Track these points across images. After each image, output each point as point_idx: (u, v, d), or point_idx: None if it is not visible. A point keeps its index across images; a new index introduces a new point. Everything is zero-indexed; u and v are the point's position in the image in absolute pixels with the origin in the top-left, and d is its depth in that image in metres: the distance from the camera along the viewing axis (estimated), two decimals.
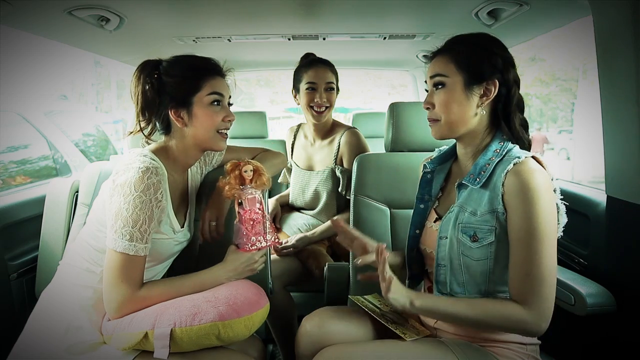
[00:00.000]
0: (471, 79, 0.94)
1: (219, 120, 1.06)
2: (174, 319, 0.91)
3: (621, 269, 1.14)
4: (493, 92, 0.94)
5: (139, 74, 1.04)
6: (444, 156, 1.10)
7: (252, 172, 1.07)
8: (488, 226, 0.91)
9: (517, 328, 0.88)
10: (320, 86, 1.66)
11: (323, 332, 1.03)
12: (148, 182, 0.94)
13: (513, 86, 0.95)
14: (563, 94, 11.72)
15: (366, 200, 1.45)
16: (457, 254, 0.95)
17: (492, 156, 0.94)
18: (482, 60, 0.94)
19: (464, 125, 0.96)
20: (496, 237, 0.90)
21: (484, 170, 0.93)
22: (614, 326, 1.12)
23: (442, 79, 0.96)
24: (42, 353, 0.95)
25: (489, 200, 0.91)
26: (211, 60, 1.08)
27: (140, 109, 1.05)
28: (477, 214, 0.93)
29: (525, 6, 1.30)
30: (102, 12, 1.33)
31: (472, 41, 0.97)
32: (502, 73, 0.94)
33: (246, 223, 1.05)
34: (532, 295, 0.85)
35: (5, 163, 1.92)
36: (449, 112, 0.95)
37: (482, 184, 0.93)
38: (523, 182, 0.86)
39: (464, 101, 0.94)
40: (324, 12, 1.52)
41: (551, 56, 11.47)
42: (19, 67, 8.66)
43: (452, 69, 0.95)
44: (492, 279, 0.93)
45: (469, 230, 0.93)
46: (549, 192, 0.87)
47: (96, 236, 1.02)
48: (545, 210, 0.85)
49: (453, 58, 0.95)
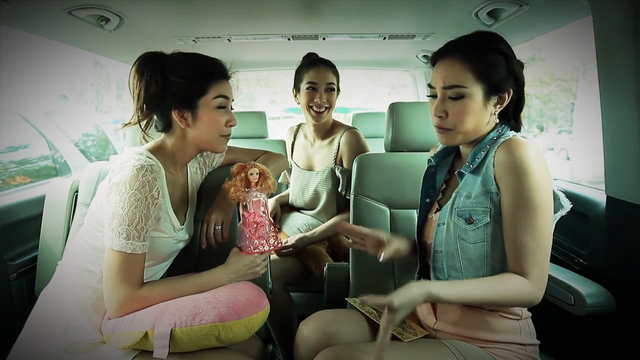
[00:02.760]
0: (491, 89, 0.91)
1: (222, 125, 1.06)
2: (174, 319, 0.90)
3: (621, 269, 1.14)
4: (507, 99, 0.93)
5: (142, 68, 1.02)
6: (447, 150, 1.10)
7: (258, 175, 1.07)
8: (482, 207, 0.91)
9: (524, 300, 0.87)
10: (321, 86, 1.66)
11: (321, 335, 1.02)
12: (143, 180, 0.93)
13: (523, 87, 0.95)
14: (563, 94, 11.71)
15: (366, 201, 1.45)
16: (453, 238, 0.95)
17: (488, 143, 0.94)
18: (501, 69, 0.91)
19: (477, 133, 0.95)
20: (491, 218, 0.90)
21: (478, 157, 0.94)
22: (613, 326, 1.12)
23: (460, 91, 0.90)
24: (42, 353, 0.95)
25: (482, 181, 0.91)
26: (217, 62, 1.07)
27: (141, 105, 1.02)
28: (471, 196, 0.92)
29: (525, 6, 1.30)
30: (102, 12, 1.33)
31: (486, 46, 0.91)
32: (517, 80, 0.93)
33: (250, 226, 1.05)
34: (531, 265, 0.85)
35: (5, 163, 1.92)
36: (464, 122, 0.92)
37: (476, 168, 0.93)
38: (512, 155, 0.86)
39: (481, 112, 0.92)
40: (323, 12, 1.52)
41: (551, 56, 11.46)
42: (18, 67, 8.65)
43: (470, 78, 0.90)
44: (491, 263, 0.92)
45: (464, 214, 0.93)
46: (539, 162, 0.86)
47: (94, 235, 1.02)
48: (537, 180, 0.85)
49: (470, 66, 0.90)
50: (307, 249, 1.63)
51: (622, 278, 1.12)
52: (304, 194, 1.77)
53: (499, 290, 0.87)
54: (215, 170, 1.29)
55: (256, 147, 1.42)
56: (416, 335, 1.01)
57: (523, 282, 0.86)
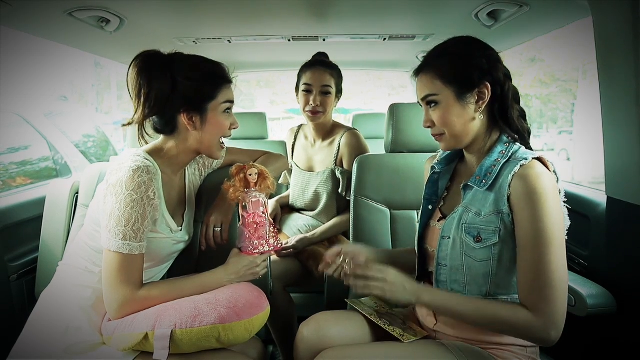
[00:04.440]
0: (462, 89, 0.93)
1: (227, 128, 1.08)
2: (174, 320, 0.90)
3: (621, 270, 1.14)
4: (487, 94, 0.93)
5: (147, 67, 0.99)
6: (450, 156, 1.10)
7: (257, 175, 1.07)
8: (492, 227, 0.90)
9: (526, 335, 0.86)
10: (316, 89, 1.63)
11: (321, 336, 1.02)
12: (139, 181, 0.94)
13: (506, 82, 0.94)
14: (563, 95, 11.70)
15: (366, 202, 1.45)
16: (459, 254, 0.95)
17: (497, 157, 0.93)
18: (466, 68, 0.93)
19: (468, 134, 0.96)
20: (500, 238, 0.90)
21: (490, 172, 0.93)
22: (614, 327, 1.12)
23: (433, 98, 0.95)
24: (42, 353, 0.95)
25: (495, 201, 0.91)
26: (224, 68, 1.08)
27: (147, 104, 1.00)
28: (481, 214, 0.92)
29: (525, 7, 1.30)
30: (102, 13, 1.33)
31: (450, 51, 0.96)
32: (491, 74, 0.93)
33: (249, 226, 1.05)
34: (540, 301, 0.83)
35: (5, 164, 1.92)
36: (450, 126, 0.95)
37: (489, 186, 0.92)
38: (530, 186, 0.85)
39: (461, 112, 0.94)
40: (324, 13, 1.52)
41: (551, 57, 11.47)
42: (19, 68, 8.65)
43: (439, 85, 0.94)
44: (494, 281, 0.92)
45: (473, 231, 0.93)
46: (555, 196, 0.86)
47: (94, 236, 1.02)
48: (552, 213, 0.84)
49: (437, 74, 0.94)
50: (307, 250, 1.63)
51: (622, 279, 1.12)
52: (304, 194, 1.77)
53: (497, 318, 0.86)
54: (215, 171, 1.29)
55: (256, 148, 1.42)
56: (416, 336, 1.01)
57: (524, 315, 0.84)
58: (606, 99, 1.12)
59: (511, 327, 0.86)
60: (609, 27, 1.07)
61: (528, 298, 0.85)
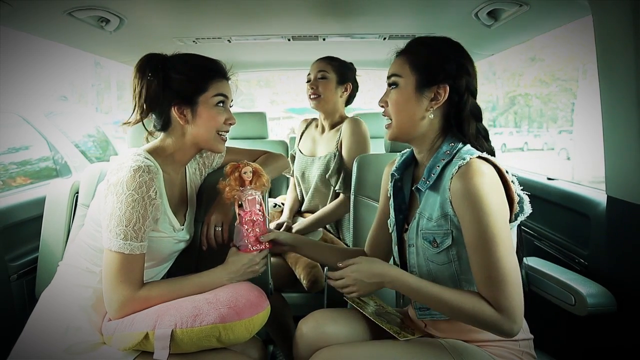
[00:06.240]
0: (423, 81, 0.95)
1: (221, 122, 1.07)
2: (175, 320, 0.91)
3: (622, 269, 1.14)
4: (443, 97, 0.94)
5: (144, 67, 1.03)
6: (406, 162, 1.09)
7: (252, 173, 1.08)
8: (444, 230, 0.91)
9: (490, 327, 0.86)
10: (313, 75, 1.73)
11: (319, 334, 1.03)
12: (140, 180, 0.94)
13: (465, 93, 0.94)
14: (563, 94, 11.70)
15: (366, 201, 1.45)
16: (423, 261, 0.96)
17: (442, 157, 0.94)
18: (435, 64, 0.94)
19: (413, 128, 0.97)
20: (454, 240, 0.90)
21: (433, 172, 0.93)
22: (614, 326, 1.12)
23: (396, 79, 0.97)
24: (42, 353, 0.95)
25: (441, 204, 0.91)
26: (218, 62, 1.09)
27: (141, 103, 1.03)
28: (432, 219, 0.93)
29: (525, 6, 1.30)
30: (102, 13, 1.33)
31: (430, 44, 0.98)
32: (454, 79, 0.93)
33: (247, 224, 1.05)
34: (498, 297, 0.83)
35: (5, 164, 1.92)
36: (398, 112, 0.97)
37: (432, 186, 0.93)
38: (467, 187, 0.84)
39: (413, 103, 0.95)
40: (324, 13, 1.52)
41: (551, 56, 11.46)
42: (19, 67, 8.66)
43: (407, 70, 0.96)
44: (463, 278, 0.92)
45: (429, 236, 0.93)
46: (493, 191, 0.85)
47: (94, 236, 1.02)
48: (492, 211, 0.83)
49: (409, 59, 0.97)
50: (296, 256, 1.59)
51: (622, 278, 1.12)
52: (303, 178, 1.81)
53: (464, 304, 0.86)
54: (215, 171, 1.29)
55: (256, 147, 1.42)
56: (413, 334, 1.01)
57: (488, 309, 0.84)
58: (606, 98, 1.12)
59: (477, 316, 0.85)
60: (609, 26, 1.07)
61: (487, 296, 0.85)
